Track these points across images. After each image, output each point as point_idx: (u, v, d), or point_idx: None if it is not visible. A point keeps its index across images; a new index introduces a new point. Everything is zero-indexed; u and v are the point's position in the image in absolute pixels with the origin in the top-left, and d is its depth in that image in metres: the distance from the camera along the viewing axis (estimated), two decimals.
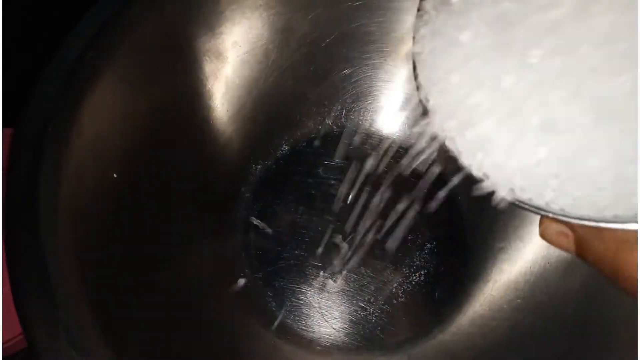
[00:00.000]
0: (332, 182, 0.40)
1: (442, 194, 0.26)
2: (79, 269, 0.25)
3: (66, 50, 0.28)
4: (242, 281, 0.36)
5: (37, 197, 0.24)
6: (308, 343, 0.35)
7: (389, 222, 0.35)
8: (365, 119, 0.42)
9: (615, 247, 0.20)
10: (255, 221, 0.39)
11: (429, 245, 0.38)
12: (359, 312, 0.36)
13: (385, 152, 0.40)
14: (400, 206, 0.34)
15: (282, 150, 0.42)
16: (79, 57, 0.28)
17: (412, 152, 0.22)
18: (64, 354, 0.22)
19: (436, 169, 0.27)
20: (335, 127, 0.42)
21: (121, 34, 0.29)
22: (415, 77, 0.22)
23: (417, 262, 0.38)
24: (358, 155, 0.40)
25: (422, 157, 0.22)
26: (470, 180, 0.19)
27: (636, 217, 0.18)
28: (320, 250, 0.38)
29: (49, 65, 0.27)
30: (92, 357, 0.22)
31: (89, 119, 0.27)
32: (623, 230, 0.19)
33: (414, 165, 0.24)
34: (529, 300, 0.34)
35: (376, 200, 0.36)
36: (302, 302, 0.37)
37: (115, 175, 0.29)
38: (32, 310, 0.22)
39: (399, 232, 0.35)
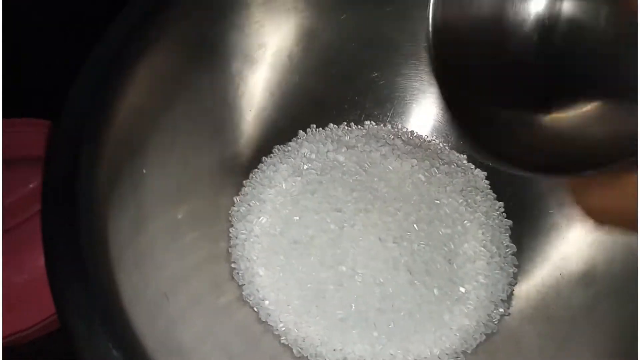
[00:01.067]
0: None
1: None
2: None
3: (103, 48, 0.28)
4: None
5: (75, 189, 0.24)
6: None
7: None
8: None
9: None
10: None
11: None
12: None
13: None
14: None
15: None
16: (115, 54, 0.28)
17: None
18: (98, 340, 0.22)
19: None
20: None
21: (156, 31, 0.30)
22: None
23: None
24: None
25: None
26: None
27: None
28: None
29: (86, 61, 0.28)
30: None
31: (124, 115, 0.28)
32: None
33: None
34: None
35: None
36: None
37: (144, 171, 0.29)
38: (67, 296, 0.22)
39: None
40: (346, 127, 0.42)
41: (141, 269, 0.27)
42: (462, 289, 0.33)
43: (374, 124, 0.43)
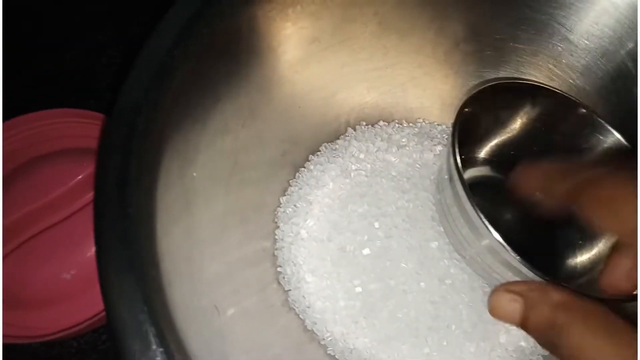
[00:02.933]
0: None
1: None
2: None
3: (152, 47, 0.27)
4: None
5: (127, 191, 0.24)
6: None
7: None
8: None
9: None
10: None
11: None
12: None
13: None
14: None
15: None
16: (167, 53, 0.27)
17: None
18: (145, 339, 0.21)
19: None
20: None
21: (207, 27, 0.29)
22: None
23: None
24: None
25: None
26: None
27: None
28: None
29: (138, 57, 0.27)
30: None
31: (175, 114, 0.27)
32: None
33: None
34: None
35: None
36: None
37: (195, 174, 0.29)
38: (117, 292, 0.21)
39: None
40: (397, 125, 0.40)
41: (191, 275, 0.27)
42: None
43: (426, 121, 0.41)
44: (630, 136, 0.31)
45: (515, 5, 0.35)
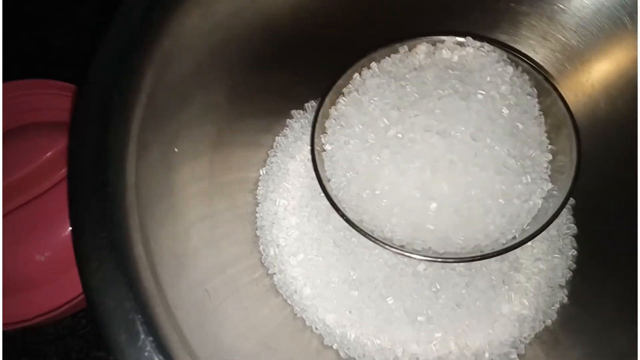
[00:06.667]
0: None
1: None
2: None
3: (127, 9, 0.25)
4: None
5: (104, 161, 0.22)
6: None
7: None
8: None
9: None
10: None
11: None
12: None
13: None
14: None
15: None
16: (142, 16, 0.25)
17: None
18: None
19: None
20: None
21: None
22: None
23: None
24: None
25: None
26: None
27: None
28: None
29: (111, 23, 0.24)
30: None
31: (152, 84, 0.25)
32: None
33: None
34: None
35: None
36: None
37: (176, 150, 0.27)
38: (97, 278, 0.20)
39: None
40: None
41: (176, 255, 0.25)
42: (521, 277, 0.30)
43: None
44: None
45: None
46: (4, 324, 0.32)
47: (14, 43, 0.44)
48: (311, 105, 0.37)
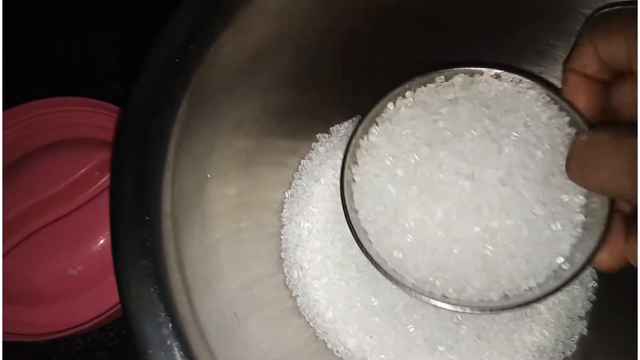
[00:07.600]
0: None
1: None
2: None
3: (168, 38, 0.26)
4: None
5: (143, 191, 0.23)
6: None
7: None
8: None
9: None
10: None
11: None
12: None
13: None
14: None
15: None
16: (182, 46, 0.26)
17: None
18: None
19: None
20: None
21: (220, 22, 0.27)
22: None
23: None
24: None
25: None
26: None
27: None
28: None
29: (151, 51, 0.25)
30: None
31: (189, 114, 0.26)
32: None
33: None
34: None
35: None
36: None
37: (209, 176, 0.28)
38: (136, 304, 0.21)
39: None
40: None
41: (208, 280, 0.26)
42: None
43: None
44: None
45: None
46: (37, 334, 0.33)
47: (36, 59, 0.45)
48: (336, 129, 0.38)
